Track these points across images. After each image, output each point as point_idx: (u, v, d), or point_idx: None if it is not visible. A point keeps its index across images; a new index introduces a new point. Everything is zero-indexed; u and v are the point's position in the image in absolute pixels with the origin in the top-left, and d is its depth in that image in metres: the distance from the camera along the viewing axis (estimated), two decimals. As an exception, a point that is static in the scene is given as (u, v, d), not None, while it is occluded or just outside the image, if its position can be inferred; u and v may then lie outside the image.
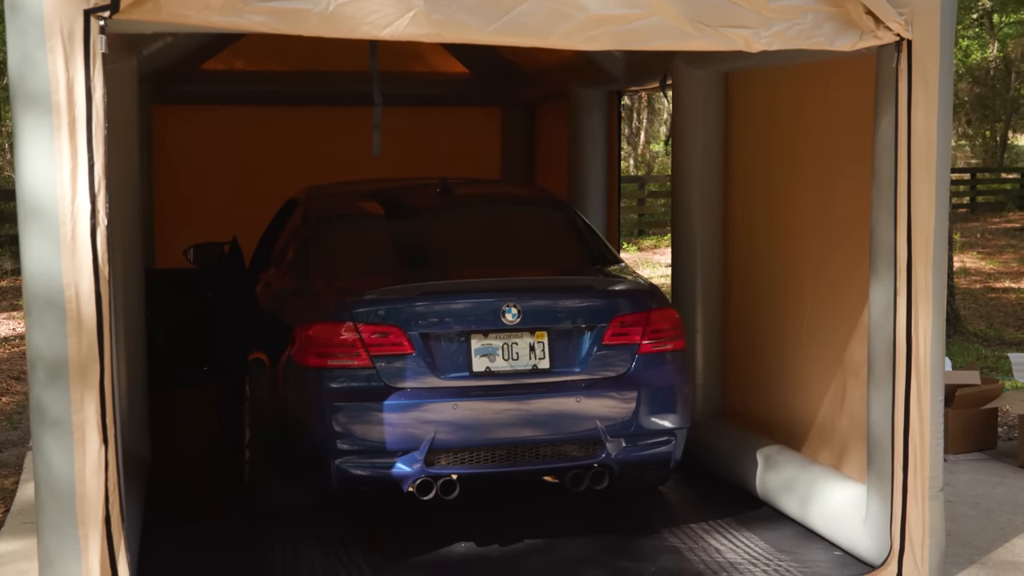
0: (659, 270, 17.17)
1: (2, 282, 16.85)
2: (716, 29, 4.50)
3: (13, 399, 9.00)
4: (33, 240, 4.04)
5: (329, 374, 5.26)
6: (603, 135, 9.04)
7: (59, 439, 4.08)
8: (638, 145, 32.02)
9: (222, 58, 9.88)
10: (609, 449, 5.45)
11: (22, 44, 3.97)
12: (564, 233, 6.44)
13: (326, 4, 4.15)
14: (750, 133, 6.66)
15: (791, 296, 6.23)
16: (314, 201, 6.39)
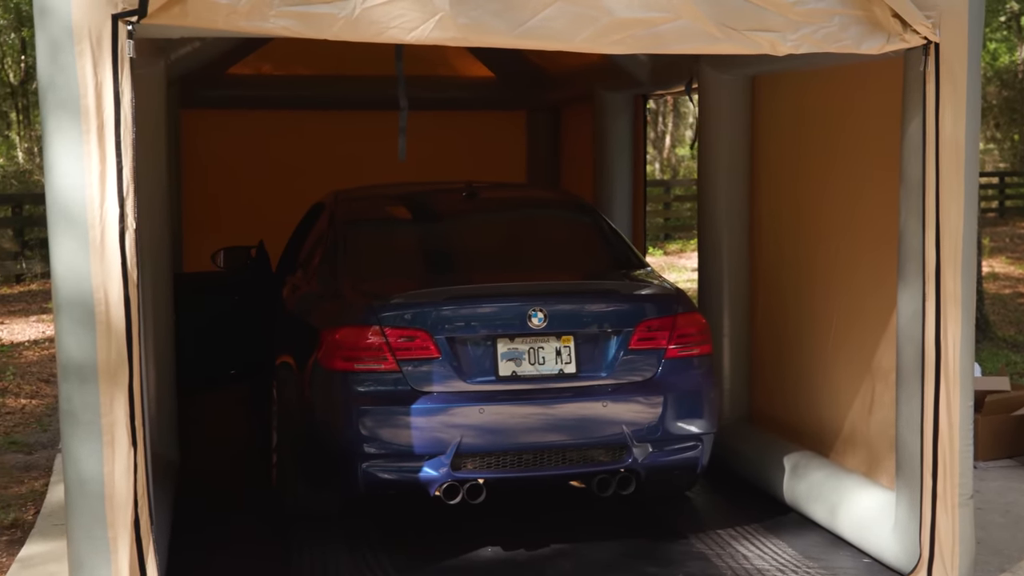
0: (685, 274, 17.13)
1: (32, 285, 16.97)
2: (742, 33, 4.48)
3: (43, 402, 9.05)
4: (63, 244, 4.06)
5: (356, 378, 5.27)
6: (629, 139, 9.03)
7: (89, 442, 4.10)
8: (664, 149, 31.96)
9: (249, 62, 9.92)
10: (636, 454, 5.44)
11: (51, 49, 4.00)
12: (590, 237, 6.43)
13: (352, 8, 4.16)
14: (776, 137, 6.64)
15: (819, 301, 6.20)
16: (341, 205, 6.40)
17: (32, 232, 17.92)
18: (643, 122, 9.17)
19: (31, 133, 25.31)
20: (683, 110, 32.32)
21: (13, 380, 9.78)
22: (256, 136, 10.51)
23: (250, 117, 10.45)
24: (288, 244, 7.28)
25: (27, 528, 5.86)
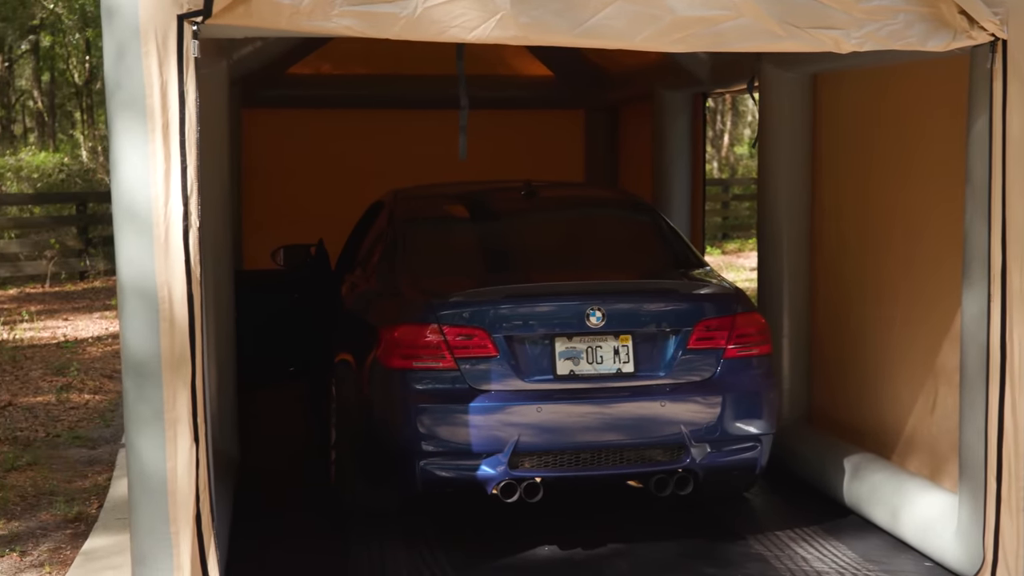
0: (743, 274, 17.03)
1: (95, 282, 17.22)
2: (805, 30, 4.44)
3: (106, 397, 9.18)
4: (128, 242, 4.11)
5: (414, 376, 5.29)
6: (688, 138, 8.99)
7: (152, 437, 4.15)
8: (722, 147, 31.77)
9: (309, 62, 9.99)
10: (694, 454, 5.41)
11: (118, 50, 4.05)
12: (648, 236, 6.41)
13: (413, 8, 4.18)
14: (838, 135, 6.58)
15: (880, 301, 6.14)
16: (400, 204, 6.43)
17: (96, 230, 18.17)
18: (702, 121, 9.12)
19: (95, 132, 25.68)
20: (742, 108, 32.10)
21: (77, 376, 9.92)
22: (316, 135, 10.59)
23: (310, 116, 10.54)
24: (347, 242, 7.32)
25: (91, 522, 5.95)
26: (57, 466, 7.09)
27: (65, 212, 18.64)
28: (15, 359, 10.69)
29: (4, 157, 20.58)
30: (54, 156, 21.17)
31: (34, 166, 19.78)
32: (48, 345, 11.63)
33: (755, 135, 7.77)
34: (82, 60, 27.46)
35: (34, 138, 28.00)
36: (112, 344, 11.62)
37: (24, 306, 14.53)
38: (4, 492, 6.48)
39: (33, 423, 8.24)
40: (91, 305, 14.87)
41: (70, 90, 29.50)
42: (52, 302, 15.15)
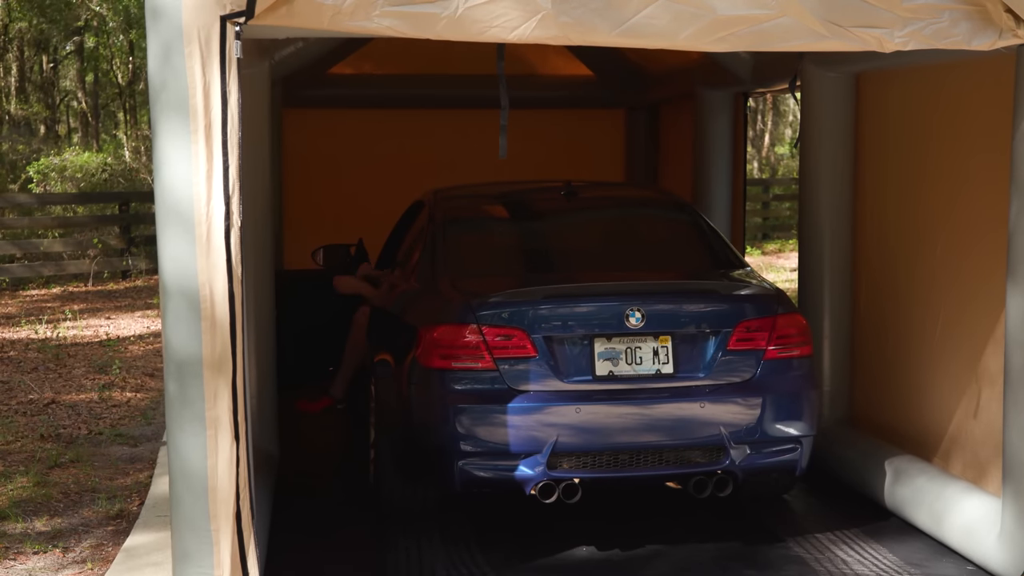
0: (783, 275, 16.93)
1: (137, 281, 17.36)
2: (848, 29, 4.41)
3: (147, 395, 9.25)
4: (170, 241, 4.14)
5: (453, 376, 5.29)
6: (728, 137, 8.94)
7: (193, 435, 4.18)
8: (763, 147, 31.61)
9: (350, 62, 10.03)
10: (733, 456, 5.38)
11: (162, 50, 4.08)
12: (689, 236, 6.38)
13: (454, 8, 4.18)
14: (881, 135, 6.52)
15: (923, 302, 6.08)
16: (440, 203, 6.44)
17: (138, 229, 18.32)
18: (744, 121, 9.07)
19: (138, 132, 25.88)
20: (782, 108, 31.92)
21: (119, 374, 10.01)
22: (356, 135, 10.63)
23: (351, 116, 10.57)
24: (387, 242, 7.34)
25: (132, 519, 6.00)
26: (99, 463, 7.15)
27: (108, 211, 18.81)
28: (59, 357, 10.80)
29: (49, 157, 20.79)
30: (98, 156, 21.36)
31: (78, 166, 19.98)
32: (91, 343, 11.74)
33: (796, 135, 7.72)
34: (125, 61, 27.69)
35: (78, 138, 28.28)
36: (154, 343, 11.72)
37: (67, 305, 14.68)
38: (47, 489, 6.55)
39: (76, 421, 8.32)
40: (133, 304, 15.00)
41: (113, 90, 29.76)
42: (95, 301, 15.29)
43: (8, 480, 6.73)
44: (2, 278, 16.48)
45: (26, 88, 26.39)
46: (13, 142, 23.02)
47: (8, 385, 9.52)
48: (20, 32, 23.97)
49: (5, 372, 10.09)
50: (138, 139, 24.89)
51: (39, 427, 8.04)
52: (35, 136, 24.99)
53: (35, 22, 22.01)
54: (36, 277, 16.87)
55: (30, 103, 26.01)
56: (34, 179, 19.97)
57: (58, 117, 28.84)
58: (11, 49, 24.78)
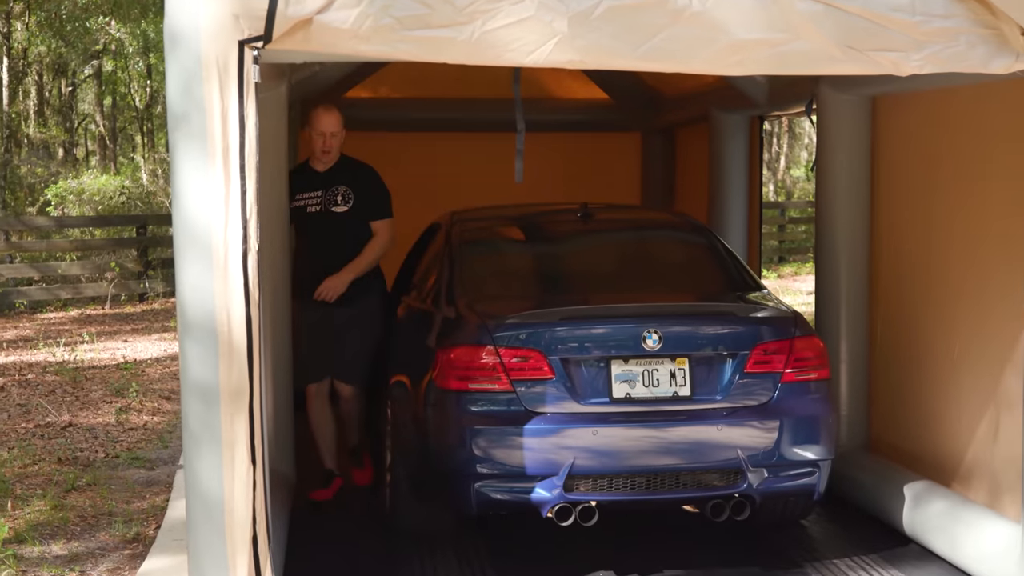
0: (800, 297, 16.89)
1: (154, 304, 17.42)
2: (864, 53, 4.40)
3: (164, 419, 9.27)
4: (188, 265, 4.16)
5: (470, 397, 5.29)
6: (744, 160, 8.94)
7: (210, 459, 4.18)
8: (778, 170, 31.61)
9: (367, 85, 10.07)
10: (751, 479, 5.36)
11: (180, 75, 4.10)
12: (705, 259, 6.38)
13: (471, 32, 4.19)
14: (897, 158, 6.52)
15: (941, 325, 6.06)
16: (457, 225, 6.45)
17: (155, 252, 18.40)
18: (759, 143, 9.08)
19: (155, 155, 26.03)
20: (798, 131, 31.92)
21: (136, 397, 10.03)
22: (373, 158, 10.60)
23: (367, 139, 10.56)
24: (404, 263, 7.35)
25: (148, 542, 6.00)
26: (116, 487, 7.16)
27: (125, 234, 18.90)
28: (76, 380, 10.83)
29: (67, 180, 20.92)
30: (115, 179, 21.48)
31: (95, 189, 20.09)
32: (108, 366, 11.77)
33: (812, 158, 7.71)
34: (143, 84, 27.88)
35: (96, 161, 28.45)
36: (170, 365, 11.74)
37: (85, 327, 14.73)
38: (64, 512, 6.56)
39: (93, 444, 8.34)
40: (150, 326, 15.04)
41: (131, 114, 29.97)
42: (112, 323, 15.34)
43: (25, 503, 6.74)
44: (20, 301, 16.56)
45: (45, 112, 26.59)
46: (32, 165, 23.17)
47: (26, 408, 9.55)
48: (39, 56, 24.16)
49: (23, 395, 10.12)
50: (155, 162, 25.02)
51: (56, 450, 8.06)
52: (53, 159, 25.15)
53: (54, 46, 22.18)
54: (54, 300, 16.95)
55: (49, 127, 26.20)
56: (52, 202, 20.09)
57: (76, 140, 29.03)
58: (30, 73, 24.98)
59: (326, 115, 6.52)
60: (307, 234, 6.65)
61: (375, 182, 6.67)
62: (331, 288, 6.50)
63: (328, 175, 6.62)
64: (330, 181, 6.59)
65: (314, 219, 6.59)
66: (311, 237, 6.64)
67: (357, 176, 6.63)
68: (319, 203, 6.58)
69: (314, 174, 6.65)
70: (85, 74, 27.65)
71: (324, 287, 6.50)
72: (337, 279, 6.51)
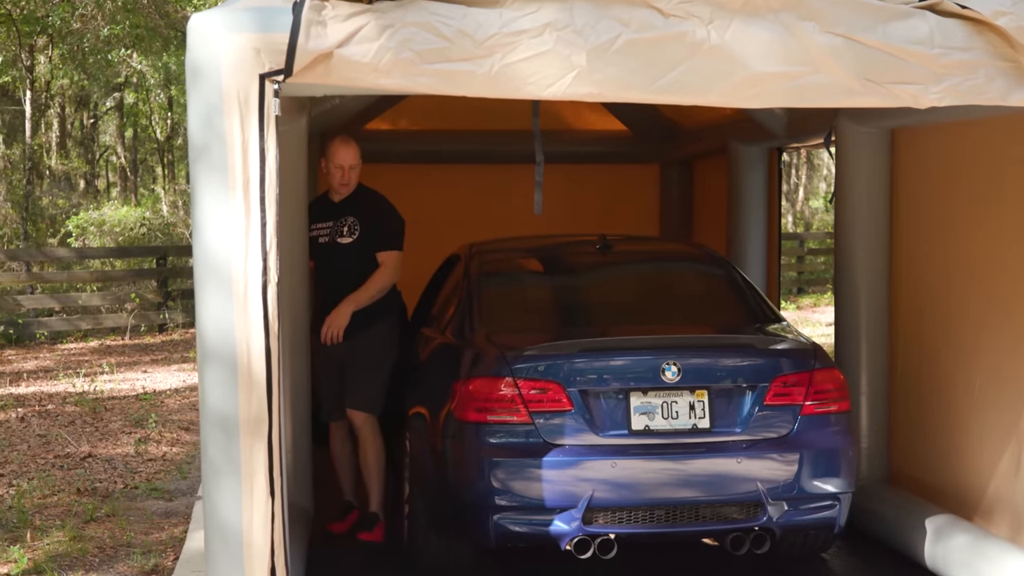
0: (819, 329, 16.83)
1: (173, 335, 17.47)
2: (883, 85, 4.41)
3: (183, 449, 9.28)
4: (208, 296, 4.18)
5: (488, 429, 5.28)
6: (763, 192, 8.94)
7: (228, 491, 4.19)
8: (797, 201, 31.58)
9: (386, 117, 10.11)
10: (771, 512, 5.34)
11: (202, 107, 4.14)
12: (724, 290, 6.38)
13: (490, 66, 4.22)
14: (917, 190, 6.51)
15: (961, 357, 6.03)
16: (476, 257, 6.46)
17: (175, 283, 18.48)
18: (778, 175, 9.08)
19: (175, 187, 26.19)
20: (816, 162, 31.92)
21: (155, 428, 10.05)
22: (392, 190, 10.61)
23: (387, 171, 10.59)
24: (423, 295, 7.37)
25: (167, 574, 6.00)
26: (134, 518, 7.17)
27: (145, 265, 19.00)
28: (95, 411, 10.86)
29: (88, 211, 21.05)
30: (135, 210, 21.62)
31: (116, 220, 20.21)
32: (127, 397, 11.81)
33: (831, 189, 7.71)
34: (164, 116, 28.08)
35: (116, 192, 28.63)
36: (189, 396, 11.77)
37: (104, 358, 14.79)
38: (83, 543, 6.56)
39: (112, 474, 8.35)
40: (169, 357, 15.09)
41: (152, 145, 30.16)
42: (131, 354, 15.39)
43: (44, 534, 6.75)
44: (41, 332, 16.64)
45: (66, 143, 26.80)
46: (53, 197, 23.33)
47: (46, 439, 9.58)
48: (61, 89, 24.37)
49: (43, 425, 10.16)
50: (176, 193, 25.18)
51: (76, 481, 8.08)
52: (75, 191, 25.34)
53: (76, 79, 22.39)
54: (74, 331, 17.02)
55: (70, 158, 26.40)
56: (73, 233, 20.21)
57: (97, 172, 29.23)
58: (53, 105, 25.19)
59: (343, 148, 6.46)
60: (317, 264, 6.59)
61: (384, 213, 6.57)
62: (333, 326, 6.39)
63: (340, 205, 6.55)
64: (341, 211, 6.53)
65: (323, 250, 6.53)
66: (320, 268, 6.58)
67: (367, 206, 6.54)
68: (328, 234, 6.53)
69: (329, 204, 6.60)
70: (107, 106, 27.87)
71: (326, 326, 6.40)
72: (337, 314, 6.39)
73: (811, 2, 4.32)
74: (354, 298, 6.41)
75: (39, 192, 22.85)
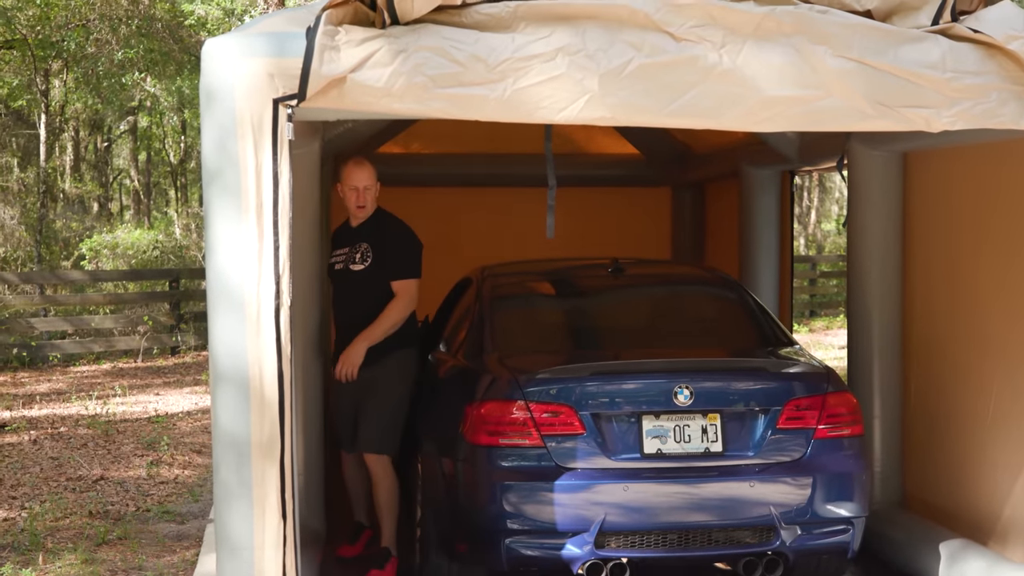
0: (831, 352, 16.79)
1: (186, 357, 17.49)
2: (895, 109, 4.42)
3: (195, 472, 9.29)
4: (221, 320, 4.19)
5: (500, 453, 5.28)
6: (775, 215, 8.94)
7: (240, 514, 4.19)
8: (809, 224, 31.56)
9: (399, 141, 10.15)
10: (784, 536, 5.32)
11: (216, 132, 4.16)
12: (736, 313, 6.37)
13: (503, 90, 4.24)
14: (930, 212, 6.50)
15: (975, 380, 6.01)
16: (488, 280, 6.47)
17: (187, 305, 18.51)
18: (790, 198, 9.08)
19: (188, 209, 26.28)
20: (828, 184, 31.91)
21: (167, 451, 10.06)
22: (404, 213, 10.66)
23: (399, 194, 10.61)
24: (434, 318, 7.37)
25: (179, 596, 6.00)
26: (146, 540, 7.17)
27: (158, 288, 19.05)
28: (108, 433, 10.88)
29: (101, 234, 21.13)
30: (149, 233, 21.69)
31: (129, 243, 20.29)
32: (140, 419, 11.82)
33: (843, 212, 7.70)
34: (177, 140, 28.21)
35: (130, 215, 28.75)
36: (201, 419, 11.78)
37: (117, 381, 14.81)
38: (95, 567, 6.56)
39: (124, 497, 8.36)
40: (181, 380, 15.11)
41: (165, 169, 30.31)
42: (144, 377, 15.42)
43: (57, 557, 6.76)
44: (54, 354, 16.68)
45: (80, 167, 26.93)
46: (67, 220, 23.43)
47: (58, 461, 9.59)
48: (76, 112, 24.52)
49: (55, 448, 10.17)
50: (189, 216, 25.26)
51: (88, 503, 8.08)
52: (88, 214, 25.44)
53: (91, 103, 22.53)
54: (87, 353, 17.06)
55: (84, 181, 26.53)
56: (86, 256, 20.29)
57: (111, 195, 29.37)
58: (67, 129, 25.33)
59: (357, 169, 6.34)
60: (333, 292, 6.51)
61: (401, 239, 6.37)
62: (347, 364, 6.21)
63: (357, 231, 6.42)
64: (356, 237, 6.40)
65: (338, 276, 6.44)
66: (336, 296, 6.48)
67: (382, 232, 6.36)
68: (343, 260, 6.41)
69: (348, 230, 6.49)
70: (120, 130, 28.03)
71: (340, 364, 6.24)
72: (351, 352, 6.21)
73: (823, 26, 4.34)
74: (367, 335, 6.21)
75: (53, 215, 22.95)
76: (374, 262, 6.30)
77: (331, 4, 4.19)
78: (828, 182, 31.30)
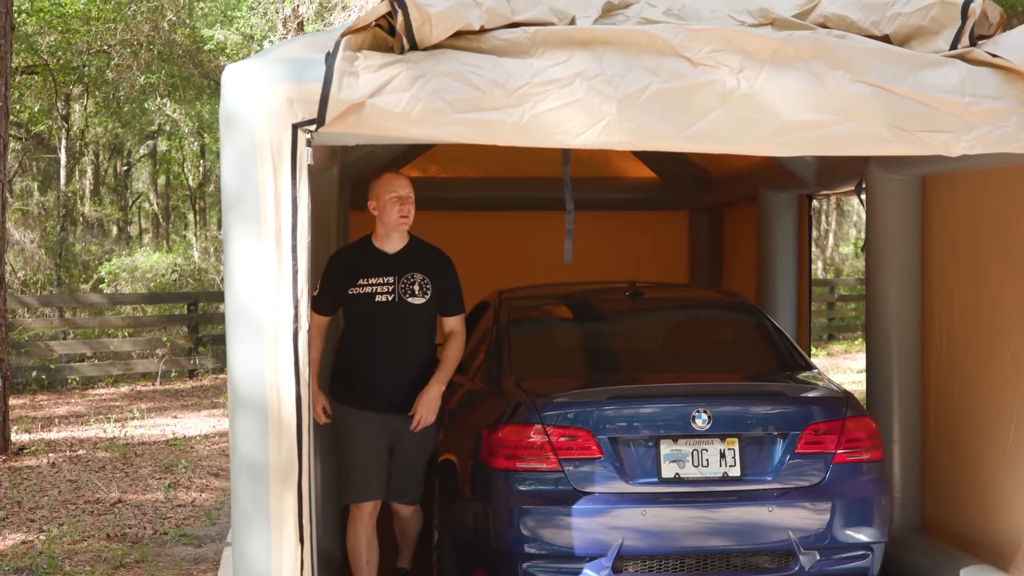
0: (850, 376, 16.72)
1: (204, 380, 17.53)
2: (914, 134, 4.41)
3: (212, 495, 9.29)
4: (239, 342, 4.20)
5: (518, 477, 5.27)
6: (793, 238, 8.93)
7: (258, 537, 4.19)
8: (827, 247, 31.49)
9: (417, 165, 10.18)
10: (803, 562, 5.29)
11: (235, 156, 4.19)
12: (754, 337, 6.36)
13: (520, 115, 4.25)
14: (949, 236, 6.48)
15: (995, 404, 5.98)
16: (505, 304, 6.48)
17: (205, 328, 18.57)
18: (808, 222, 9.07)
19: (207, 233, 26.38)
20: (846, 208, 31.84)
21: (184, 474, 10.07)
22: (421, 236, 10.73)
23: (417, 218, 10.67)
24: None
25: (196, 619, 5.99)
26: (164, 564, 7.17)
27: (176, 311, 19.11)
28: (126, 456, 10.90)
29: (120, 258, 21.23)
30: (167, 256, 21.79)
31: (148, 266, 20.38)
32: (157, 442, 11.84)
33: (862, 235, 7.68)
34: (196, 164, 28.35)
35: (149, 239, 28.88)
36: (219, 442, 11.79)
37: (135, 403, 14.85)
38: (113, 588, 6.57)
39: (142, 520, 8.36)
40: (199, 403, 15.13)
41: (184, 192, 30.45)
42: (162, 400, 15.45)
43: (74, 579, 6.77)
44: (72, 377, 16.74)
45: (100, 190, 27.09)
46: (86, 243, 23.56)
47: (76, 484, 9.61)
48: (96, 137, 24.69)
49: (74, 471, 10.19)
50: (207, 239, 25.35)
51: (105, 526, 8.09)
52: (107, 237, 25.58)
53: (111, 127, 22.68)
54: (105, 376, 17.11)
55: (104, 205, 26.68)
56: (105, 279, 20.38)
57: (130, 218, 29.52)
58: (87, 153, 25.50)
59: (397, 177, 5.88)
60: (368, 324, 5.74)
61: (453, 271, 5.91)
62: (428, 409, 5.69)
63: (400, 259, 5.81)
64: (404, 266, 5.78)
65: (383, 308, 5.71)
66: (375, 328, 5.72)
67: (434, 264, 5.86)
68: (392, 291, 5.73)
69: (382, 256, 5.82)
70: (140, 154, 28.19)
71: (421, 412, 5.67)
72: (429, 398, 5.67)
73: (841, 51, 4.34)
74: (442, 379, 5.73)
75: (72, 238, 23.08)
76: (433, 295, 5.79)
77: (350, 30, 4.21)
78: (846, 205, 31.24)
